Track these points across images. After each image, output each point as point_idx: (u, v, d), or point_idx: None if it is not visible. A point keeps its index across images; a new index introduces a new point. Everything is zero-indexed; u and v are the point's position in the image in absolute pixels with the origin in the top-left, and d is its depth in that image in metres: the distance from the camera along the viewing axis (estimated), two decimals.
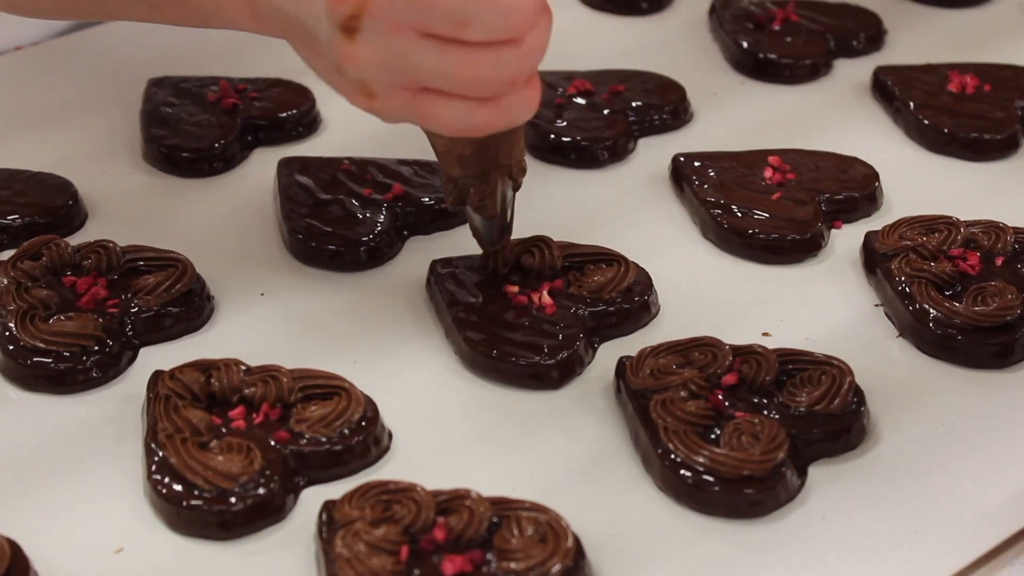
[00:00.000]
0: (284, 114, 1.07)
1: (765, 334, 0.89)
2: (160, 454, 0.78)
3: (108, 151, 1.05)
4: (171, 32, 1.01)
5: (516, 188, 0.88)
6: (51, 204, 0.98)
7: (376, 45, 0.74)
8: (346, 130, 1.08)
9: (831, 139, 1.07)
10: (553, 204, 1.01)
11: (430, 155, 1.01)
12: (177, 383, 0.81)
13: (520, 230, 0.95)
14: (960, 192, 1.03)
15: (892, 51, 1.19)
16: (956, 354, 0.87)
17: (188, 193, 1.02)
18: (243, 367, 0.82)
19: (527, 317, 0.87)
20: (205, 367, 0.82)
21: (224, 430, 0.79)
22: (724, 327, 0.88)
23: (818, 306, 0.92)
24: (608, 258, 0.91)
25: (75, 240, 0.94)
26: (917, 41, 1.21)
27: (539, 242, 0.91)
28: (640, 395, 0.82)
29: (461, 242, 0.94)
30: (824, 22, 1.19)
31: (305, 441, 0.79)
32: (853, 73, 1.16)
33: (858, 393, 0.82)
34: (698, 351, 0.84)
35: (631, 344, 0.88)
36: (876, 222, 0.98)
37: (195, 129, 1.05)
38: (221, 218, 0.99)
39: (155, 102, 1.08)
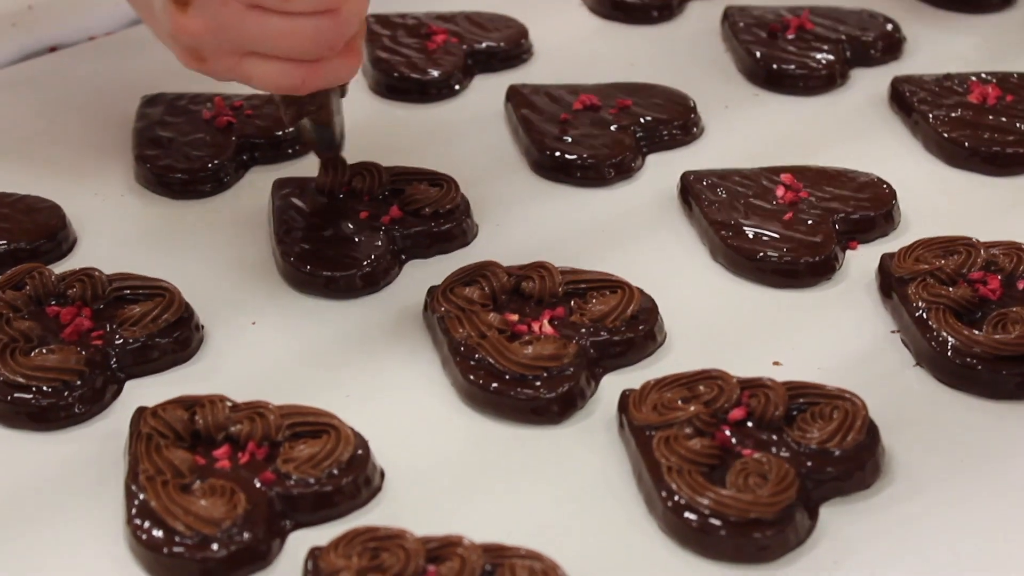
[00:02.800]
0: (280, 132, 1.03)
1: (776, 363, 0.86)
2: (141, 497, 0.74)
3: (99, 172, 1.02)
4: (166, 48, 0.98)
5: (343, 93, 0.91)
6: (39, 229, 0.95)
7: (206, 16, 0.81)
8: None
9: (847, 153, 1.04)
10: (557, 224, 0.98)
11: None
12: (160, 421, 0.78)
13: (524, 251, 0.92)
14: (981, 209, 0.99)
15: (911, 60, 1.16)
16: (976, 384, 0.83)
17: (181, 216, 0.99)
18: (229, 403, 0.79)
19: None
20: (189, 404, 0.79)
21: (208, 471, 0.76)
22: (733, 356, 0.85)
23: (832, 333, 0.88)
24: (612, 284, 0.88)
25: (64, 266, 0.92)
26: (936, 49, 1.17)
27: (539, 268, 0.88)
28: (643, 431, 0.78)
29: (460, 266, 0.90)
30: (840, 30, 1.16)
31: (292, 482, 0.75)
32: (870, 83, 1.13)
33: (872, 428, 0.78)
34: (704, 384, 0.80)
35: (636, 375, 0.84)
36: (893, 242, 0.95)
37: (188, 149, 1.01)
38: (214, 242, 0.96)
39: (148, 120, 1.05)
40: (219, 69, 0.84)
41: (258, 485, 0.75)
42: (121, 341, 0.85)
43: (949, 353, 0.84)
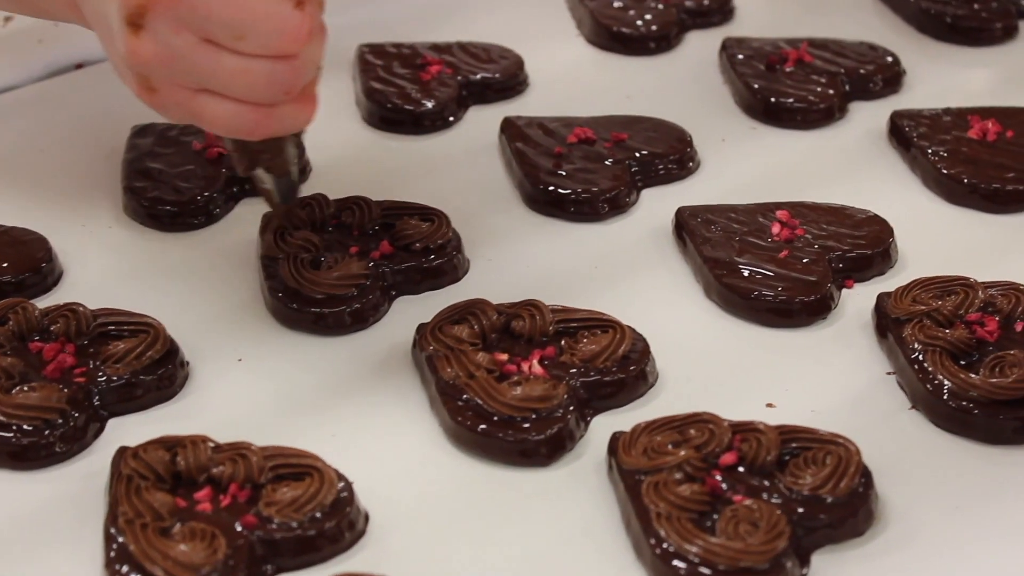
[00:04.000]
0: None
1: (769, 405, 0.84)
2: (119, 540, 0.73)
3: (88, 204, 1.01)
4: None
5: (299, 142, 0.90)
6: (24, 262, 0.93)
7: (158, 42, 0.79)
8: (334, 178, 1.03)
9: (845, 188, 1.02)
10: (550, 260, 0.97)
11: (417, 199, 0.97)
12: (140, 463, 0.76)
13: (515, 287, 0.91)
14: (980, 247, 0.98)
15: (910, 93, 1.14)
16: (972, 429, 0.82)
17: (169, 249, 0.97)
18: (211, 444, 0.78)
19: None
20: (171, 444, 0.78)
21: (189, 513, 0.75)
22: (726, 397, 0.84)
23: (826, 374, 0.87)
24: (603, 324, 0.86)
25: (50, 300, 0.90)
26: (937, 82, 1.15)
27: (530, 307, 0.87)
28: (632, 475, 0.77)
29: (451, 302, 0.89)
30: (839, 63, 1.14)
31: (274, 526, 0.74)
32: (869, 117, 1.11)
33: (866, 474, 0.77)
34: (695, 428, 0.78)
35: (627, 416, 0.83)
36: (890, 281, 0.93)
37: (178, 180, 1.00)
38: (202, 276, 0.95)
39: (138, 151, 1.03)
40: (170, 102, 0.82)
41: (239, 529, 0.74)
42: (104, 378, 0.83)
43: (945, 396, 0.82)
